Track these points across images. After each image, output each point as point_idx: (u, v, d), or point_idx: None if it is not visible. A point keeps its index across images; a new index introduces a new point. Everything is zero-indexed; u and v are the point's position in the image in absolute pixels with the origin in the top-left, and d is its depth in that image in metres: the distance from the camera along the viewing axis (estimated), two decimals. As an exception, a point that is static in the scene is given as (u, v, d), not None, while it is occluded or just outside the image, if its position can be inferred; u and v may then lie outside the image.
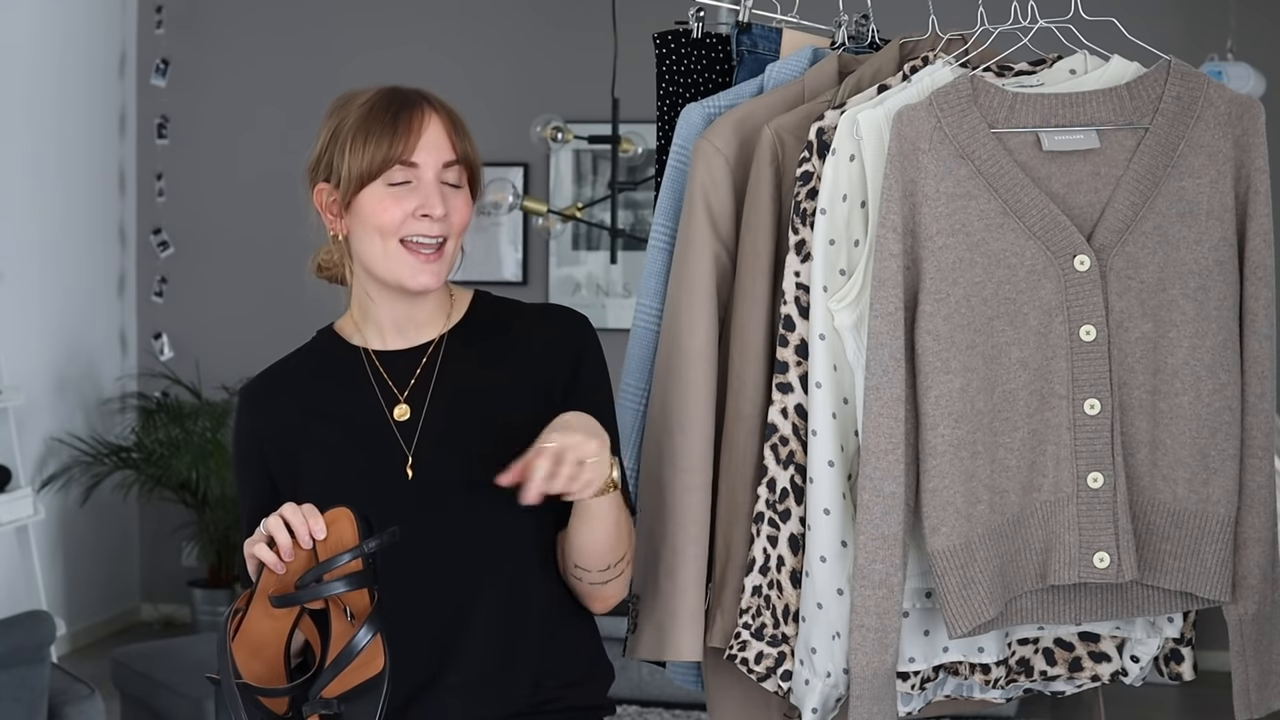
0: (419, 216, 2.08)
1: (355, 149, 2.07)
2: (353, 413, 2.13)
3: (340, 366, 2.17)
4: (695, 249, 2.33)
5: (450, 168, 2.10)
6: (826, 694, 2.27)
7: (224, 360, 6.91)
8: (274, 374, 2.22)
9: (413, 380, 2.14)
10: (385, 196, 2.08)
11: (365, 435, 2.11)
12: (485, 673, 2.08)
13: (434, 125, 2.09)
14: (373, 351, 2.17)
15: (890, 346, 2.16)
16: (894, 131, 2.17)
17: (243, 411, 2.21)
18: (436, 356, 2.15)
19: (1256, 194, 2.24)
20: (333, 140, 2.11)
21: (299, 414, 2.15)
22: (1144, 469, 2.24)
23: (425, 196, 2.08)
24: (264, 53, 7.02)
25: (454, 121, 2.12)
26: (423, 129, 2.08)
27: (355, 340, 2.19)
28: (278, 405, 2.17)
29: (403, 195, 2.08)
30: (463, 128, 2.13)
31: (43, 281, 6.46)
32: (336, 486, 2.07)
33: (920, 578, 2.27)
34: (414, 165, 2.08)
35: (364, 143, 2.07)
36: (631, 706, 5.68)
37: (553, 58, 6.73)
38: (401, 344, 2.16)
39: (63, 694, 3.77)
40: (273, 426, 2.16)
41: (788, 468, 2.27)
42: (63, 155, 6.62)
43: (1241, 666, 2.30)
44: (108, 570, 6.90)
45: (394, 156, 2.07)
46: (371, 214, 2.08)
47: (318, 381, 2.17)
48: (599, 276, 6.84)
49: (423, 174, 2.08)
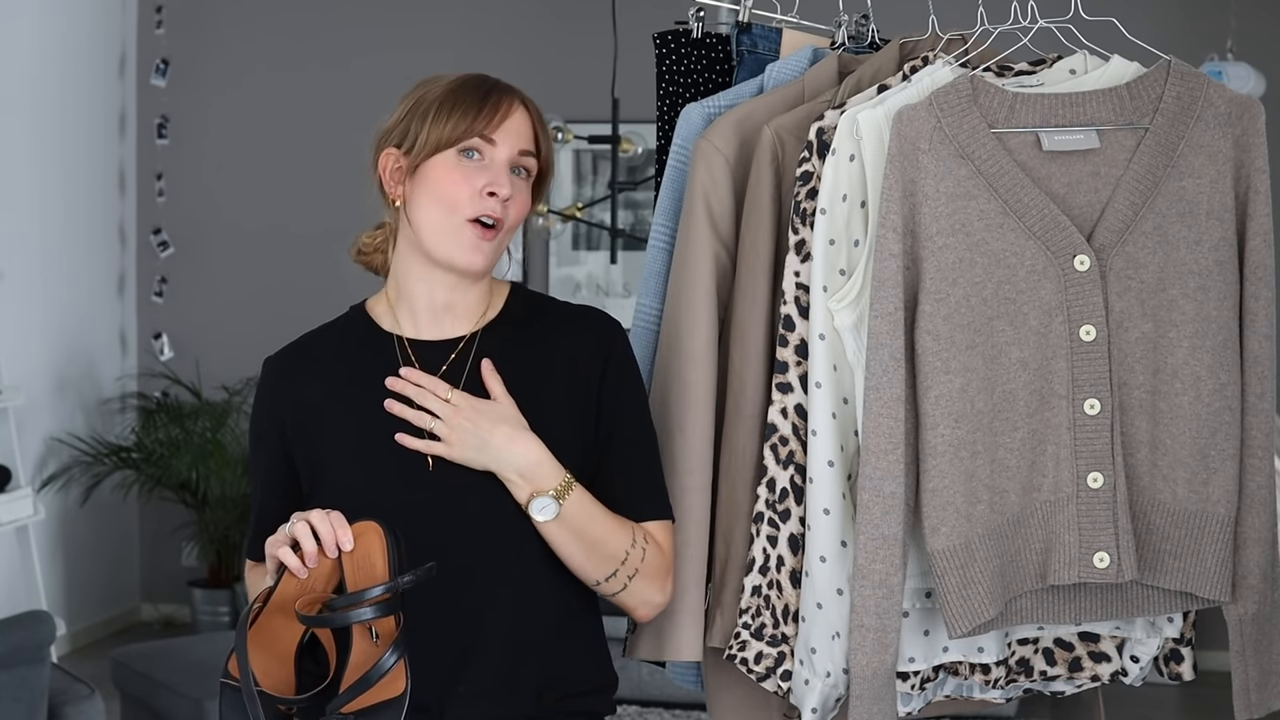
0: (485, 194, 2.07)
1: (439, 118, 2.07)
2: (379, 401, 2.10)
3: (371, 351, 2.14)
4: (695, 249, 2.33)
5: (526, 157, 2.11)
6: (826, 694, 2.27)
7: (224, 360, 6.90)
8: (301, 350, 2.19)
9: (442, 373, 2.12)
10: (455, 168, 2.08)
11: (389, 425, 2.09)
12: (495, 679, 2.07)
13: (521, 114, 2.11)
14: (405, 339, 2.14)
15: (890, 346, 2.16)
16: (894, 131, 2.17)
17: (265, 385, 2.18)
18: (469, 351, 2.13)
19: (1256, 194, 2.24)
20: (413, 109, 2.10)
21: (323, 396, 2.13)
22: (1144, 469, 2.24)
23: (495, 175, 2.07)
24: (264, 53, 7.02)
25: (540, 119, 2.14)
26: (510, 113, 2.09)
27: (387, 324, 2.16)
28: (301, 384, 2.15)
29: (472, 171, 2.08)
30: (546, 129, 2.15)
31: (43, 281, 6.46)
32: (358, 479, 2.07)
33: (920, 578, 2.27)
34: (492, 143, 2.08)
35: (449, 112, 2.07)
36: (631, 706, 5.68)
37: (552, 57, 6.73)
38: (435, 334, 2.14)
39: (63, 694, 3.77)
40: (295, 405, 2.14)
41: (787, 468, 2.27)
42: (63, 155, 6.62)
43: (1241, 667, 2.30)
44: (108, 570, 6.90)
45: (477, 128, 2.07)
46: (438, 182, 2.08)
47: (345, 364, 2.15)
48: (599, 276, 6.84)
49: (498, 154, 2.08)
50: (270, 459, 2.15)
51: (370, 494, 2.06)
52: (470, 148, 2.08)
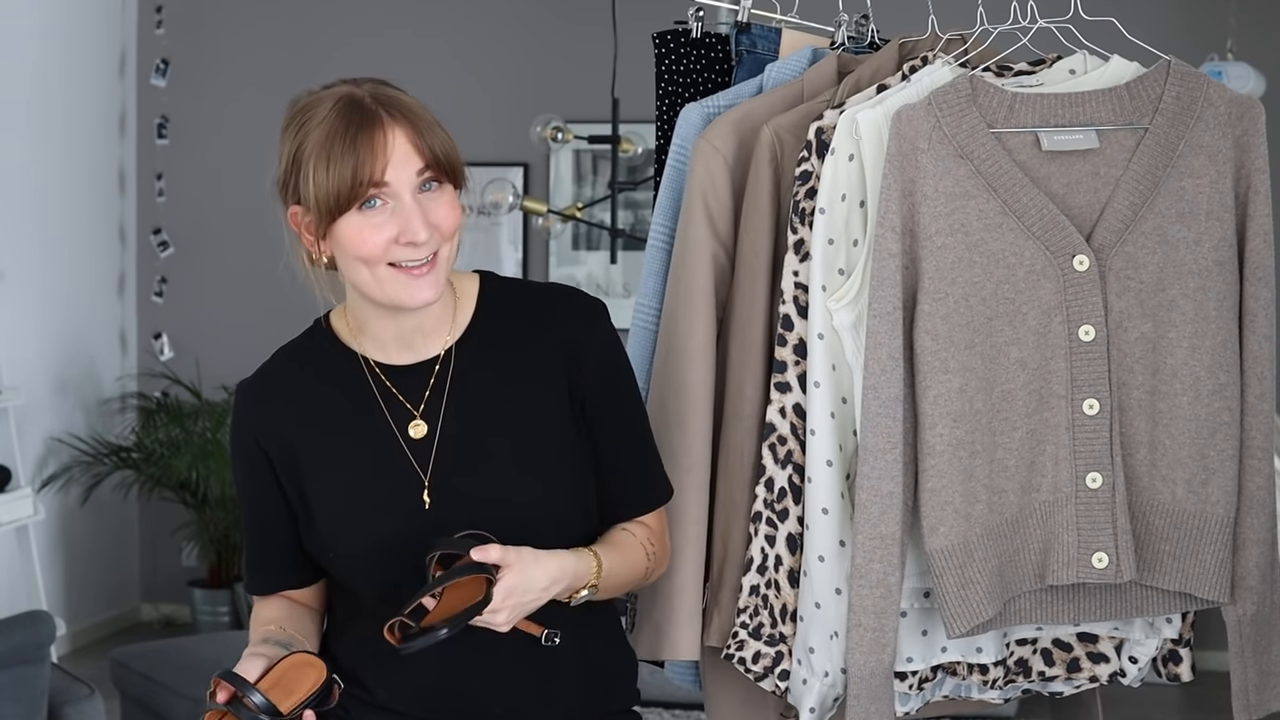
0: (403, 244, 1.94)
1: (319, 177, 1.93)
2: (360, 430, 2.04)
3: (341, 373, 2.06)
4: (694, 249, 2.33)
5: (425, 172, 1.95)
6: (824, 693, 2.27)
7: (224, 360, 6.90)
8: (271, 374, 2.10)
9: (426, 394, 2.04)
10: (363, 226, 1.94)
11: (377, 458, 2.03)
12: (527, 702, 2.05)
13: (398, 137, 1.94)
14: (376, 364, 2.05)
15: (889, 346, 2.16)
16: (893, 131, 2.17)
17: (243, 415, 2.09)
18: (447, 369, 2.05)
19: (1256, 194, 2.24)
20: (295, 163, 1.98)
21: (300, 425, 2.05)
22: (1143, 469, 2.24)
23: (405, 221, 1.94)
24: (264, 53, 7.02)
25: (416, 124, 1.96)
26: (387, 145, 1.93)
27: (353, 345, 2.07)
28: (276, 411, 2.07)
29: (381, 221, 1.94)
30: (427, 126, 1.97)
31: (43, 281, 6.46)
32: (351, 519, 2.03)
33: (918, 577, 2.27)
34: (385, 184, 1.93)
35: (327, 169, 1.93)
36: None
37: (552, 58, 6.72)
38: (408, 358, 2.05)
39: (63, 694, 3.76)
40: (278, 444, 2.06)
41: (786, 467, 2.27)
42: (63, 155, 6.62)
43: (1240, 667, 2.30)
44: (108, 570, 6.90)
45: (363, 180, 1.92)
46: (351, 245, 1.95)
47: (319, 388, 2.07)
48: (599, 276, 6.84)
49: (397, 192, 1.94)
50: (261, 490, 2.09)
51: (364, 525, 2.03)
52: (368, 198, 1.94)
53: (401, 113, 1.96)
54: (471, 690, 2.04)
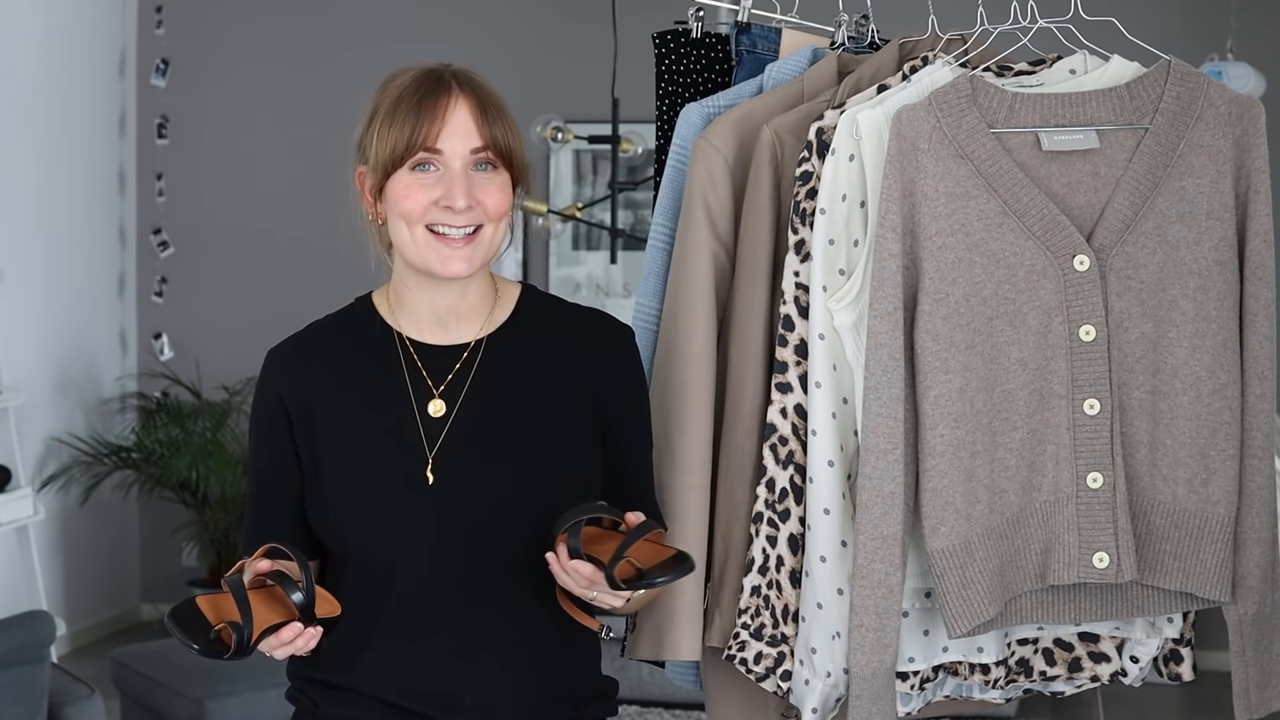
0: (441, 207, 2.02)
1: (383, 134, 2.02)
2: (381, 399, 2.08)
3: (374, 344, 2.11)
4: (694, 249, 2.33)
5: (480, 153, 2.03)
6: (826, 694, 2.27)
7: (224, 360, 6.90)
8: (305, 344, 2.14)
9: (449, 377, 2.08)
10: (410, 183, 2.02)
11: (391, 429, 2.06)
12: (500, 688, 2.05)
13: (460, 110, 2.02)
14: (410, 340, 2.10)
15: (889, 346, 2.16)
16: (893, 131, 2.17)
17: (269, 377, 2.13)
18: (475, 357, 2.09)
19: (1256, 194, 2.24)
20: (370, 123, 2.06)
21: (324, 385, 2.09)
22: (1144, 469, 2.24)
23: (448, 187, 2.01)
24: (264, 52, 7.02)
25: (484, 105, 2.04)
26: (448, 114, 2.02)
27: (390, 321, 2.12)
28: (305, 380, 2.10)
29: (428, 183, 2.02)
30: (495, 111, 2.05)
31: (43, 281, 6.46)
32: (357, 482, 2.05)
33: (920, 577, 2.27)
34: (438, 152, 2.02)
35: (389, 128, 2.02)
36: (632, 706, 5.68)
37: (552, 57, 6.73)
38: (441, 338, 2.10)
39: (63, 694, 3.76)
40: (299, 402, 2.09)
41: (787, 467, 2.27)
42: (63, 155, 6.62)
43: (1241, 667, 2.30)
44: (108, 570, 6.90)
45: (416, 143, 2.01)
46: (396, 200, 2.03)
47: (351, 354, 2.11)
48: (599, 276, 6.84)
49: (448, 161, 2.02)
50: (277, 450, 2.11)
51: (367, 491, 2.05)
52: (420, 161, 2.02)
53: (473, 90, 2.05)
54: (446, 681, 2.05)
